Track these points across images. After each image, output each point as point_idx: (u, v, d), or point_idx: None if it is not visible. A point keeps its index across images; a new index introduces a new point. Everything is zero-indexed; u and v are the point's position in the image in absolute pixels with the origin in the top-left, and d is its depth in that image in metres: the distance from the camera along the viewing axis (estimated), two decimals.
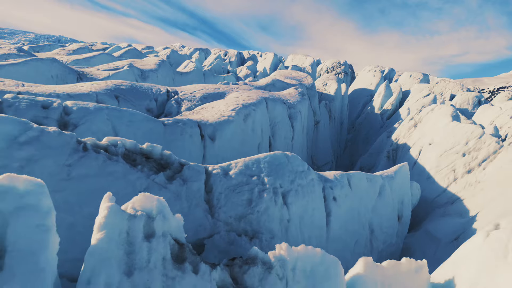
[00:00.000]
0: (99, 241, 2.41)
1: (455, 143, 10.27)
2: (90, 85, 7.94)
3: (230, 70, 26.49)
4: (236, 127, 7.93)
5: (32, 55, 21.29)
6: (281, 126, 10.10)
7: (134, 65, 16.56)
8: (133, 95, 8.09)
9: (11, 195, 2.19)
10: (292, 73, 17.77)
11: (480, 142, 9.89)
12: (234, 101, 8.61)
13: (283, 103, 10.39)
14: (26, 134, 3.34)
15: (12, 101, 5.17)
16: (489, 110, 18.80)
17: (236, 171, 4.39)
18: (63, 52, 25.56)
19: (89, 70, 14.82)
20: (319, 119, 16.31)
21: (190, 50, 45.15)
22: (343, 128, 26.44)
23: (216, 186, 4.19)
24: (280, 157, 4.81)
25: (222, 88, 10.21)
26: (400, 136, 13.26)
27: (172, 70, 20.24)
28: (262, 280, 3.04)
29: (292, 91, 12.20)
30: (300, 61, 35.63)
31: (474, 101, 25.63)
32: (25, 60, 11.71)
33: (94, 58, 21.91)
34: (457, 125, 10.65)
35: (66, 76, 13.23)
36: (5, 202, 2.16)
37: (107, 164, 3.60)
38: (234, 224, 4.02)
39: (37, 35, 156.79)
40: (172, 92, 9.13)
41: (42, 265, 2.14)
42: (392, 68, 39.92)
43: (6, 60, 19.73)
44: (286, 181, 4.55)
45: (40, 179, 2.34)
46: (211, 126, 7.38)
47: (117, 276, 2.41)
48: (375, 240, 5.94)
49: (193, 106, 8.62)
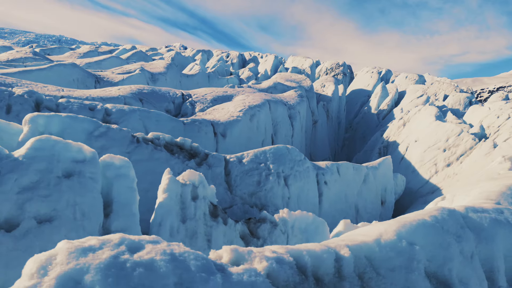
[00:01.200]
0: (164, 199, 3.66)
1: (437, 140, 11.52)
2: (117, 90, 9.19)
3: (232, 72, 27.73)
4: (243, 125, 9.18)
5: (46, 59, 22.56)
6: (282, 125, 11.36)
7: (144, 69, 17.79)
8: (154, 98, 9.34)
9: (112, 167, 3.44)
10: (292, 76, 19.02)
11: (458, 139, 11.14)
12: (241, 103, 9.86)
13: (284, 105, 11.65)
14: (98, 130, 4.60)
15: (66, 104, 6.41)
16: (478, 110, 20.03)
17: (248, 160, 5.64)
18: (74, 56, 26.80)
19: (105, 74, 16.06)
20: (317, 118, 17.56)
21: (193, 51, 46.36)
22: (341, 127, 27.64)
23: (233, 170, 5.44)
24: (282, 149, 6.07)
25: (229, 91, 11.46)
26: (391, 134, 14.51)
27: (179, 73, 21.48)
28: (270, 233, 4.30)
29: (292, 93, 13.46)
30: (299, 63, 36.87)
31: (465, 102, 26.85)
32: (50, 66, 12.94)
33: (105, 61, 23.13)
34: (440, 124, 11.90)
35: (85, 79, 14.47)
36: (109, 171, 3.42)
37: (154, 152, 4.86)
38: (247, 198, 5.28)
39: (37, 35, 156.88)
40: (186, 95, 10.38)
41: (134, 211, 3.39)
42: (389, 70, 41.12)
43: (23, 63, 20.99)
44: (287, 167, 5.81)
45: (127, 158, 3.59)
46: (222, 125, 8.63)
47: (176, 222, 3.66)
48: (361, 218, 7.19)
49: (205, 107, 9.87)
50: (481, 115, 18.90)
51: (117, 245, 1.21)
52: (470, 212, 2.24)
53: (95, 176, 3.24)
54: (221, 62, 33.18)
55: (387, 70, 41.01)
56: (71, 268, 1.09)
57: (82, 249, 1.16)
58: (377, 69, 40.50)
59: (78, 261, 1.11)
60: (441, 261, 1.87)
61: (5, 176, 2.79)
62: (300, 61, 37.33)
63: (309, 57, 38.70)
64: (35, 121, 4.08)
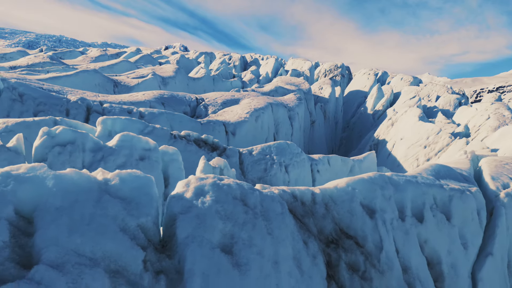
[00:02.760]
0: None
1: (419, 138, 13.10)
2: (142, 95, 10.77)
3: (235, 75, 29.30)
4: (250, 125, 10.76)
5: (62, 63, 24.12)
6: (282, 125, 12.94)
7: (156, 73, 19.37)
8: (174, 102, 10.92)
9: (168, 154, 5.02)
10: (291, 79, 20.59)
11: (437, 137, 12.72)
12: (248, 106, 11.44)
13: (284, 107, 13.23)
14: (146, 129, 6.19)
15: (110, 108, 8.00)
16: (466, 111, 21.61)
17: (257, 152, 7.23)
18: (87, 60, 28.38)
19: (121, 78, 17.64)
20: (314, 119, 19.14)
21: (196, 54, 47.94)
22: (338, 126, 29.20)
23: (245, 160, 7.03)
24: (283, 144, 7.65)
25: (236, 95, 13.05)
26: (381, 133, 16.09)
27: (186, 76, 23.06)
28: None
29: (292, 96, 15.04)
30: (299, 65, 38.45)
31: (455, 103, 28.41)
32: (76, 72, 14.52)
33: (117, 65, 24.71)
34: (422, 124, 13.48)
35: (105, 84, 16.05)
36: (166, 157, 5.00)
37: (187, 145, 6.44)
38: (257, 181, 6.86)
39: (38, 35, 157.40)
40: (200, 99, 11.97)
41: None
42: (385, 71, 42.68)
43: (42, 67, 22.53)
44: (287, 158, 7.39)
45: (176, 148, 5.17)
46: (232, 125, 10.21)
47: None
48: None
49: (216, 109, 11.46)
50: (468, 115, 20.50)
51: (212, 178, 2.79)
52: (394, 176, 3.80)
53: (158, 160, 4.82)
54: (224, 65, 34.76)
55: (384, 72, 42.58)
56: (198, 184, 2.67)
57: (200, 178, 2.73)
58: (374, 71, 42.08)
59: (200, 182, 2.69)
60: (370, 198, 3.43)
61: (108, 157, 4.37)
62: (300, 64, 38.91)
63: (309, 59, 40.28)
64: (105, 122, 5.66)
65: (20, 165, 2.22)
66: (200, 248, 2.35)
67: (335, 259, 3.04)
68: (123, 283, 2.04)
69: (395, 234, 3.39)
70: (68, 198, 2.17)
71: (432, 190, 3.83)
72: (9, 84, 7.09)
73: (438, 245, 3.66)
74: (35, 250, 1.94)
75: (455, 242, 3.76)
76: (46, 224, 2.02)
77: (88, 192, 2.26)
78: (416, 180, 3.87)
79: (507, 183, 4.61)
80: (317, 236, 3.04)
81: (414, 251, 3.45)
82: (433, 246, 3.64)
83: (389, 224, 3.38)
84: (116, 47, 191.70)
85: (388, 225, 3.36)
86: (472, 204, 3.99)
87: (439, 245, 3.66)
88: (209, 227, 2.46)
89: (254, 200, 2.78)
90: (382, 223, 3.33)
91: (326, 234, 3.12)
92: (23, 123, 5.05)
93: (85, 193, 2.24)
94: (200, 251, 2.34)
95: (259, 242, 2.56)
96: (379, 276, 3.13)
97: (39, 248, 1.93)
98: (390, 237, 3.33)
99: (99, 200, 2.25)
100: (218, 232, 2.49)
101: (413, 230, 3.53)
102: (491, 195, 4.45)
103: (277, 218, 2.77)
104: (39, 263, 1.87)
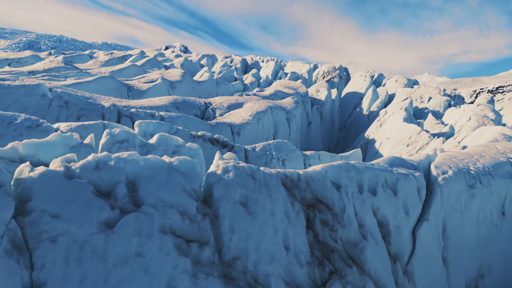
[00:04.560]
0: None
1: (403, 137, 14.69)
2: (158, 100, 12.37)
3: (237, 78, 30.89)
4: (252, 127, 12.36)
5: (76, 68, 25.70)
6: (281, 126, 14.53)
7: (165, 78, 20.97)
8: (186, 106, 12.52)
9: (192, 149, 6.62)
10: (290, 83, 22.20)
11: (418, 136, 14.30)
12: (250, 109, 13.04)
13: (283, 110, 14.84)
14: (172, 130, 7.78)
15: (136, 113, 9.59)
16: (454, 112, 23.20)
17: (259, 149, 8.83)
18: (97, 64, 30.00)
19: (133, 83, 19.25)
20: (311, 120, 20.74)
21: (198, 56, 49.56)
22: (334, 127, 30.79)
23: (250, 155, 8.63)
24: (280, 142, 9.25)
25: (240, 99, 14.65)
26: (371, 133, 17.68)
27: (191, 80, 24.66)
28: None
29: (289, 100, 16.64)
30: (298, 68, 40.06)
31: (445, 104, 30.02)
32: (96, 78, 16.13)
33: (126, 69, 26.32)
34: (406, 125, 15.07)
35: (120, 88, 17.66)
36: (191, 151, 6.59)
37: (203, 143, 8.05)
38: None
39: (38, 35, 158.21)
40: (208, 103, 13.57)
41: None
42: (381, 73, 44.27)
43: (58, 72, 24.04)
44: (284, 154, 8.99)
45: (198, 145, 6.75)
46: (237, 126, 11.81)
47: None
48: None
49: (223, 112, 13.06)
50: (456, 116, 22.10)
51: (233, 162, 4.38)
52: (356, 163, 5.39)
53: (185, 154, 6.41)
54: (226, 68, 36.37)
55: (379, 74, 44.16)
56: (224, 165, 4.26)
57: (226, 162, 4.33)
58: (370, 73, 43.68)
59: (226, 164, 4.29)
60: (337, 178, 5.02)
61: (151, 151, 5.96)
62: (299, 66, 40.52)
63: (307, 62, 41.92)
64: (141, 125, 7.27)
65: (123, 153, 3.82)
66: (228, 202, 3.95)
67: (312, 216, 4.64)
68: (187, 219, 3.64)
69: (355, 202, 5.00)
70: (153, 171, 3.76)
71: (384, 174, 5.44)
72: (57, 93, 8.69)
73: (387, 211, 5.26)
74: (140, 198, 3.53)
75: (399, 210, 5.37)
76: (143, 185, 3.62)
77: (163, 168, 3.86)
78: (373, 166, 5.48)
79: (445, 171, 6.21)
80: (300, 201, 4.65)
81: (368, 215, 5.06)
82: (383, 212, 5.24)
83: (350, 196, 4.99)
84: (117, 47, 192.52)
85: (349, 196, 4.97)
86: (413, 184, 5.59)
87: (387, 212, 5.27)
88: (232, 191, 4.06)
89: (259, 176, 4.39)
90: (345, 194, 4.94)
91: (307, 200, 4.73)
92: (82, 126, 6.65)
93: (161, 168, 3.84)
94: (228, 204, 3.93)
95: (262, 201, 4.17)
96: (342, 229, 4.73)
97: (142, 197, 3.53)
98: (350, 204, 4.93)
99: (169, 173, 3.85)
100: (238, 194, 4.09)
101: (368, 200, 5.13)
102: (433, 179, 6.06)
103: (274, 187, 4.38)
104: (144, 204, 3.46)
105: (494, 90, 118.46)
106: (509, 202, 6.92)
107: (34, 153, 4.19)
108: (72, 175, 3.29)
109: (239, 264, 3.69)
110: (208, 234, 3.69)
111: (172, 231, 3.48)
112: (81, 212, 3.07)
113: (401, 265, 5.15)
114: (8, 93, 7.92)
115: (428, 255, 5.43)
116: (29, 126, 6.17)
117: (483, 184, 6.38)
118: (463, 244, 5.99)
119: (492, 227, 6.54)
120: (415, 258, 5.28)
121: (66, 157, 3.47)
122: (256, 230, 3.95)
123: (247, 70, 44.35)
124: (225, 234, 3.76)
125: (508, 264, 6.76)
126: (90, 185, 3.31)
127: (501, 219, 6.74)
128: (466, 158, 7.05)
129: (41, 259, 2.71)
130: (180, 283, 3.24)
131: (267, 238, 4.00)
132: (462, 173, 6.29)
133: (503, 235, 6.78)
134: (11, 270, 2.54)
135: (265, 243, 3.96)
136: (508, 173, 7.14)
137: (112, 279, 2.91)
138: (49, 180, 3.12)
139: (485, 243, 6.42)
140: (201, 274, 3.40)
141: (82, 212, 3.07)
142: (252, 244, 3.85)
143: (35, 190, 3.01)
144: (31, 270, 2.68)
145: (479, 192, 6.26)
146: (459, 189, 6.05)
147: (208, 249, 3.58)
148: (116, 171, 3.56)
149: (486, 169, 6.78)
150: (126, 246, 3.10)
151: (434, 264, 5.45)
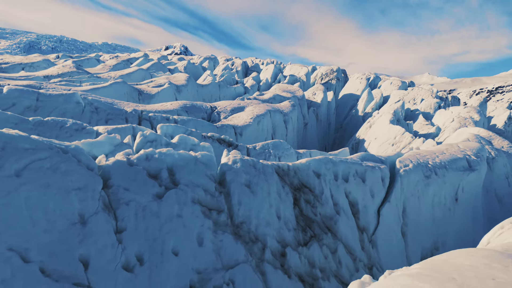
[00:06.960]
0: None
1: (389, 137, 16.30)
2: (170, 104, 13.98)
3: (238, 81, 32.51)
4: (253, 128, 13.97)
5: (87, 73, 27.32)
6: (279, 128, 16.15)
7: (171, 82, 22.59)
8: (194, 110, 14.15)
9: (205, 147, 8.22)
10: (288, 87, 23.82)
11: (402, 137, 15.91)
12: (251, 112, 14.67)
13: (280, 113, 16.46)
14: (187, 132, 9.40)
15: (154, 116, 11.20)
16: (443, 114, 24.81)
17: (259, 147, 10.46)
18: (106, 68, 31.66)
19: (143, 87, 20.87)
20: (307, 121, 22.35)
21: (200, 59, 51.19)
22: (331, 128, 32.39)
23: (251, 153, 10.25)
24: (277, 142, 10.87)
25: (242, 103, 16.27)
26: (361, 133, 19.30)
27: (195, 84, 26.28)
28: None
29: (287, 103, 18.26)
30: (296, 71, 41.69)
31: (435, 106, 31.61)
32: (110, 84, 17.74)
33: (134, 74, 27.94)
34: (391, 126, 16.69)
35: (132, 93, 19.27)
36: (204, 149, 8.21)
37: (213, 142, 9.67)
38: None
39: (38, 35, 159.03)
40: (213, 107, 15.19)
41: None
42: (377, 76, 45.88)
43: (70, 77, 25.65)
44: (280, 152, 10.61)
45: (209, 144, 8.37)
46: (240, 128, 13.42)
47: None
48: None
49: (227, 115, 14.68)
50: (444, 118, 23.71)
51: (240, 156, 5.99)
52: (334, 158, 7.00)
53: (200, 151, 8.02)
54: (228, 71, 38.02)
55: (375, 76, 45.77)
56: (233, 158, 5.88)
57: (234, 155, 5.94)
58: (366, 75, 45.27)
59: (234, 157, 5.90)
60: (318, 168, 6.62)
61: (174, 149, 7.58)
62: (297, 69, 42.16)
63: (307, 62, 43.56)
64: (162, 127, 8.88)
65: (163, 149, 5.42)
66: (237, 184, 5.56)
67: (298, 196, 6.25)
68: (208, 194, 5.26)
69: (331, 187, 6.62)
70: (184, 161, 5.37)
71: (355, 166, 7.06)
72: (88, 100, 10.32)
73: (357, 194, 6.88)
74: (177, 180, 5.13)
75: (366, 194, 6.99)
76: (178, 171, 5.23)
77: (191, 160, 5.47)
78: (346, 160, 7.10)
79: (407, 164, 7.82)
80: (289, 185, 6.26)
81: (341, 196, 6.67)
82: (354, 195, 6.86)
83: (328, 182, 6.60)
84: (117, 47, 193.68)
85: (327, 182, 6.59)
86: (378, 174, 7.21)
87: (357, 195, 6.88)
88: (239, 176, 5.67)
89: (259, 166, 6.00)
90: (324, 181, 6.56)
91: (294, 185, 6.34)
92: (116, 129, 8.26)
93: (190, 160, 5.45)
94: (236, 186, 5.54)
95: (261, 184, 5.78)
96: (320, 206, 6.35)
97: (178, 179, 5.14)
98: (328, 188, 6.55)
99: (195, 163, 5.46)
100: (243, 179, 5.70)
101: (341, 186, 6.75)
102: (396, 170, 7.67)
103: (270, 174, 6.00)
104: (180, 184, 5.07)
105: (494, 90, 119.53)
106: (461, 190, 8.54)
107: (89, 150, 5.80)
108: (132, 163, 4.91)
109: (245, 226, 5.31)
110: (223, 205, 5.31)
111: (199, 202, 5.10)
112: (141, 187, 4.68)
113: (367, 235, 6.77)
114: (50, 101, 9.53)
115: (390, 228, 7.05)
116: (76, 129, 7.78)
117: (438, 175, 8.00)
118: (420, 222, 7.61)
119: (446, 210, 8.16)
120: (379, 230, 6.89)
121: (126, 151, 5.09)
122: (256, 204, 5.57)
123: (247, 72, 45.99)
124: (235, 206, 5.38)
125: (460, 240, 8.38)
126: (144, 170, 4.93)
127: (454, 204, 8.36)
128: (427, 155, 8.67)
129: (121, 215, 4.33)
130: (206, 236, 4.86)
131: (265, 210, 5.62)
132: (420, 166, 7.91)
133: (456, 217, 8.40)
134: (107, 219, 4.16)
135: (263, 213, 5.58)
136: (462, 167, 8.76)
137: (163, 229, 4.52)
138: (119, 166, 4.74)
139: (440, 222, 8.04)
140: (219, 231, 5.02)
141: (142, 187, 4.69)
142: (254, 213, 5.47)
143: (112, 173, 4.63)
144: (115, 221, 4.29)
145: (433, 181, 7.88)
146: (416, 178, 7.67)
147: (223, 215, 5.20)
148: (160, 162, 5.18)
149: (443, 163, 8.40)
150: (171, 209, 4.72)
151: (394, 236, 7.08)
